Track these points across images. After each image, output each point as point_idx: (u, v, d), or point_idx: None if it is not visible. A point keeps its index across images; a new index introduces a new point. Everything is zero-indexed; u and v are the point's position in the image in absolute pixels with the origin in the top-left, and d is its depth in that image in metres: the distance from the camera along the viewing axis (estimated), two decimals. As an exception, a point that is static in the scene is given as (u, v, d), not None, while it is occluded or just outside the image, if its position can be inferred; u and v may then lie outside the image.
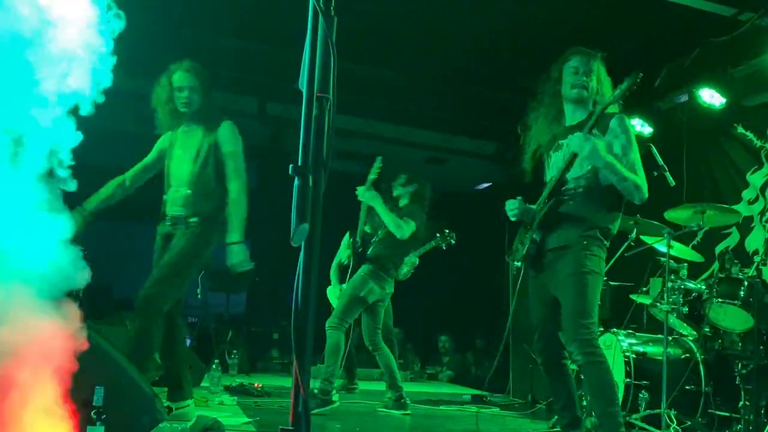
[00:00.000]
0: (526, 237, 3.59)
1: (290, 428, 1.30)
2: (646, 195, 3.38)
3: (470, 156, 9.64)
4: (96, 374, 2.82)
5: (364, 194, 5.28)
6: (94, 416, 2.74)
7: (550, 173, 3.68)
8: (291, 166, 1.42)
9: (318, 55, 1.45)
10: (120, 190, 4.25)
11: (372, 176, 5.36)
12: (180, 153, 4.22)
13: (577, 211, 3.45)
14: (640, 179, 3.38)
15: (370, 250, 5.41)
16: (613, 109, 3.53)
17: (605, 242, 3.49)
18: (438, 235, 6.06)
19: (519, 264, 3.75)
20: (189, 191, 4.07)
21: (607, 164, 3.31)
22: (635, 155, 3.41)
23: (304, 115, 1.45)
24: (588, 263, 3.37)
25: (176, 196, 4.10)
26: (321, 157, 1.42)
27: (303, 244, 1.41)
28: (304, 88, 1.46)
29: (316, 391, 4.92)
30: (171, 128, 4.31)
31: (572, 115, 3.65)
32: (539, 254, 3.53)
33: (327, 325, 5.05)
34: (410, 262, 5.79)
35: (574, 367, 3.66)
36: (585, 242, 3.40)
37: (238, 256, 3.98)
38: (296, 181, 1.41)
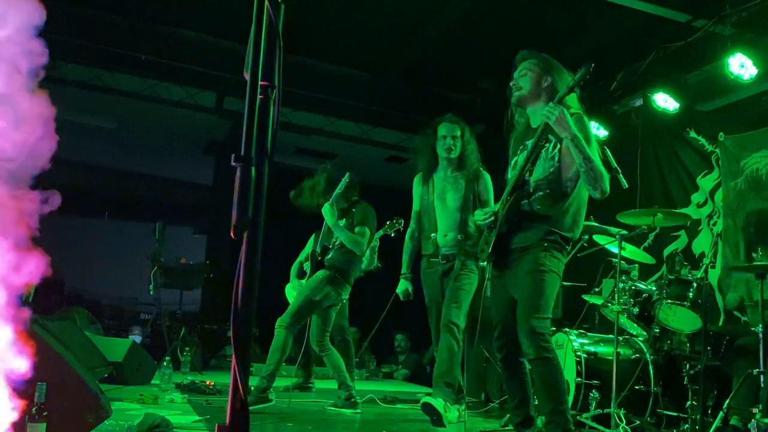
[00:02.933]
0: (490, 237, 3.61)
1: (227, 425, 1.27)
2: (608, 189, 3.39)
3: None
4: (39, 370, 2.74)
5: (326, 212, 5.23)
6: (35, 412, 2.67)
7: (512, 172, 3.69)
8: (233, 155, 1.39)
9: (263, 43, 1.41)
10: (415, 242, 5.06)
11: (338, 191, 5.29)
12: (443, 199, 4.86)
13: (540, 214, 3.47)
14: (603, 169, 3.39)
15: (329, 255, 5.34)
16: (575, 109, 3.53)
17: (566, 246, 3.54)
18: (387, 222, 6.10)
19: (484, 264, 3.77)
20: (460, 235, 4.77)
21: (574, 136, 3.31)
22: (594, 153, 3.41)
23: (248, 103, 1.42)
24: (547, 263, 3.42)
25: (447, 239, 4.82)
26: (265, 147, 1.39)
27: (245, 237, 1.38)
28: (248, 77, 1.43)
29: (252, 387, 4.82)
30: (426, 172, 4.97)
31: (534, 116, 3.68)
32: (502, 253, 3.56)
33: (277, 324, 4.96)
34: (370, 248, 5.79)
35: None
36: (546, 244, 3.44)
37: None
38: (238, 171, 1.37)
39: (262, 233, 1.41)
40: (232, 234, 1.37)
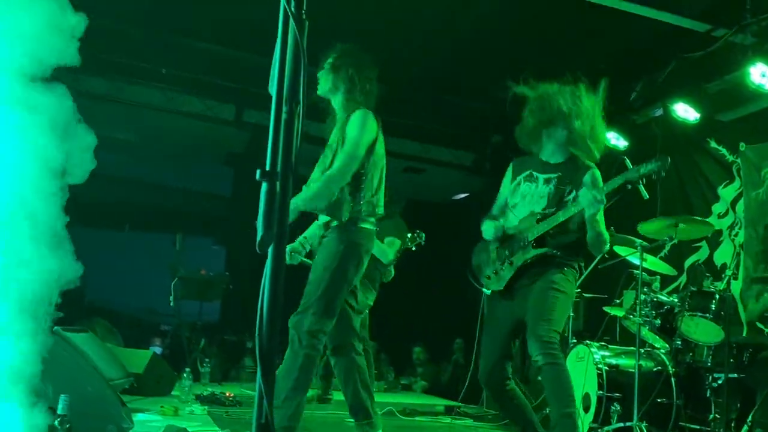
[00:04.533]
0: (503, 269, 3.63)
1: (253, 440, 1.27)
2: (607, 248, 3.64)
3: (448, 166, 9.64)
4: (61, 381, 2.77)
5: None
6: (58, 425, 2.69)
7: (521, 203, 3.70)
8: (258, 170, 1.40)
9: (288, 59, 1.43)
10: None
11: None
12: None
13: (552, 254, 3.54)
14: (607, 236, 3.55)
15: None
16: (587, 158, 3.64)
17: (580, 263, 3.69)
18: (408, 235, 6.07)
19: (488, 291, 3.74)
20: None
21: (597, 220, 3.44)
22: (600, 213, 3.50)
23: (273, 119, 1.43)
24: (562, 283, 3.50)
25: None
26: (290, 162, 1.40)
27: (270, 251, 1.38)
28: (273, 93, 1.45)
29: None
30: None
31: (548, 147, 3.70)
32: (513, 281, 3.61)
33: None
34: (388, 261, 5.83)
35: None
36: (563, 266, 3.54)
37: None
38: (263, 187, 1.39)
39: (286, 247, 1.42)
40: (257, 249, 1.38)
